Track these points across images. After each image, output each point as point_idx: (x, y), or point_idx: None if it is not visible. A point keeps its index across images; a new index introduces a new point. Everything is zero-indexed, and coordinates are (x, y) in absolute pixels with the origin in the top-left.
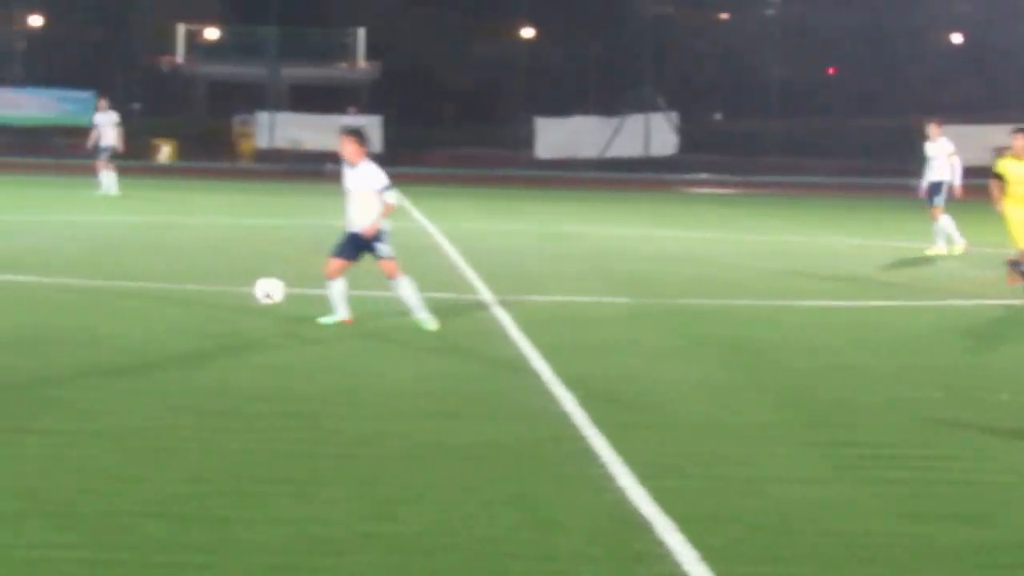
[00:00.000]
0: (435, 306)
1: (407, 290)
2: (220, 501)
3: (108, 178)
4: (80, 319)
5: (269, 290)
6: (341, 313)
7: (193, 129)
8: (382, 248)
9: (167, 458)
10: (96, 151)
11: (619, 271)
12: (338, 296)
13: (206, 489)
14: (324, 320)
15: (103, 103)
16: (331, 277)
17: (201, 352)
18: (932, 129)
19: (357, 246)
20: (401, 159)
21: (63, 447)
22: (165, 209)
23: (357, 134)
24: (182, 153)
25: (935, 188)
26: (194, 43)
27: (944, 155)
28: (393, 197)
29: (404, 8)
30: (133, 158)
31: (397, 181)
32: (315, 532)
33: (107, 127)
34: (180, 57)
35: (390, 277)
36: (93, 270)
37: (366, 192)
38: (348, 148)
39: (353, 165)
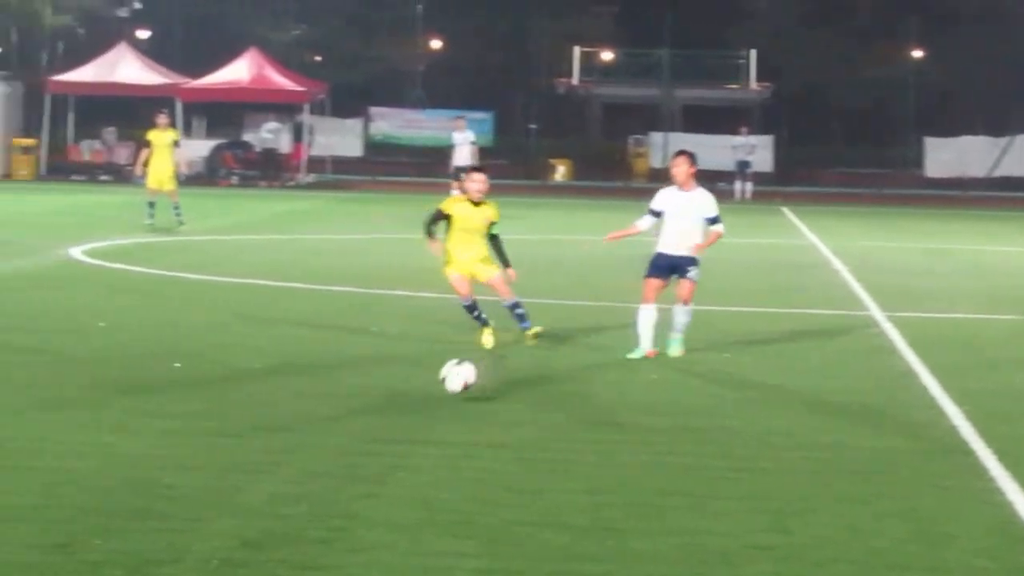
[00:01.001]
0: (825, 322)
1: (686, 317)
2: (615, 512)
3: None
4: (473, 334)
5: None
6: (645, 346)
7: (588, 149)
8: (694, 272)
9: (563, 470)
10: (457, 171)
11: (1008, 289)
12: (646, 325)
13: (601, 501)
14: (631, 355)
15: (461, 122)
16: (647, 300)
17: (597, 365)
18: None
19: (671, 266)
20: (792, 178)
21: (461, 458)
22: (560, 227)
23: (691, 156)
24: (577, 173)
25: None
26: (589, 65)
27: None
28: (723, 227)
29: (796, 30)
30: (529, 178)
31: (788, 199)
32: (708, 543)
33: (464, 146)
34: (575, 79)
35: (684, 300)
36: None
37: (692, 217)
38: (681, 169)
39: (684, 189)
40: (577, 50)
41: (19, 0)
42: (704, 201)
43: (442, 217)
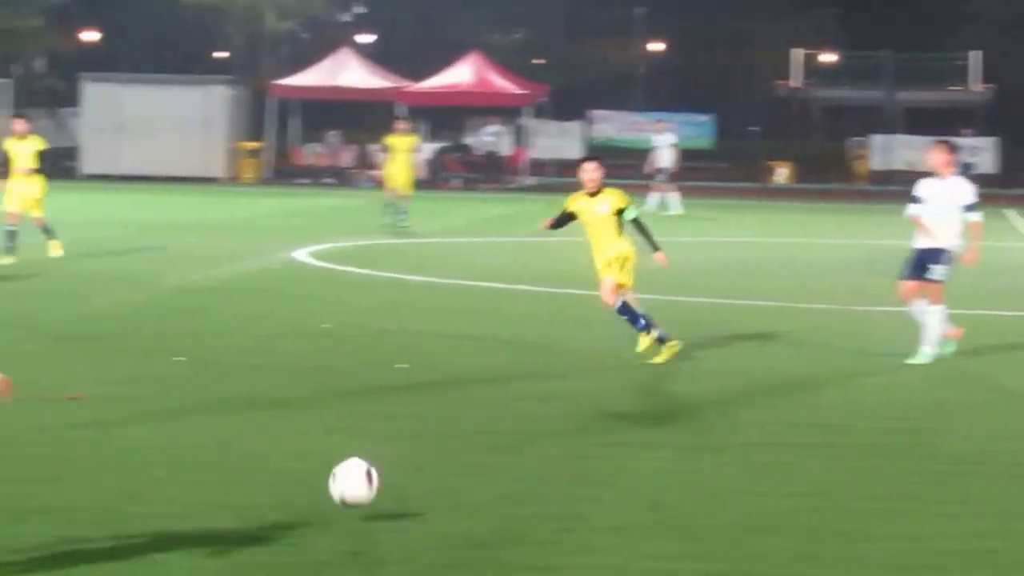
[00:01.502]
0: None
1: (936, 318)
2: (841, 516)
3: (673, 198)
4: (708, 337)
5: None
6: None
7: (809, 151)
8: (938, 271)
9: (788, 473)
10: (656, 173)
11: None
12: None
13: (827, 504)
14: (912, 360)
15: (661, 125)
16: (907, 301)
17: (822, 368)
18: None
19: (921, 263)
20: (1017, 180)
21: (686, 461)
22: (783, 230)
23: (949, 145)
24: (798, 175)
25: None
26: (811, 67)
27: None
28: (980, 216)
29: (1020, 30)
30: (750, 180)
31: (1012, 202)
32: (935, 547)
33: (664, 149)
34: (797, 81)
35: (932, 301)
36: (719, 289)
37: (948, 206)
38: (939, 158)
39: (942, 177)
40: (799, 52)
41: (244, 5)
42: (960, 188)
43: (568, 216)
